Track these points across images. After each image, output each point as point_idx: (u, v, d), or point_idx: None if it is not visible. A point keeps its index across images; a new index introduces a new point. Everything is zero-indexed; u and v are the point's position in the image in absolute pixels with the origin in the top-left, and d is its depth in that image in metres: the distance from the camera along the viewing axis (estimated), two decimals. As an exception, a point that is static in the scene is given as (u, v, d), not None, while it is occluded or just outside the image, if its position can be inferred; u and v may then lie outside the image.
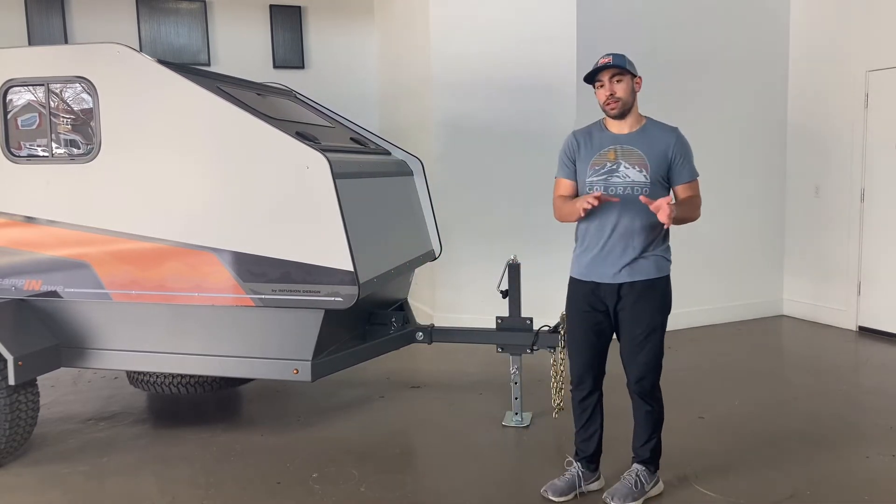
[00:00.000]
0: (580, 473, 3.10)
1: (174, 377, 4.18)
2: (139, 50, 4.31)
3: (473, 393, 4.52)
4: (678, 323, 6.04)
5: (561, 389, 3.88)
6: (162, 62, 3.41)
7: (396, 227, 4.08)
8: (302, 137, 3.41)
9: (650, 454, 3.05)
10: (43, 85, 3.47)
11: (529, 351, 3.88)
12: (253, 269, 3.32)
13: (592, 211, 2.82)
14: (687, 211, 2.87)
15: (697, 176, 2.95)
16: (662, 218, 2.65)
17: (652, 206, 2.68)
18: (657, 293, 2.92)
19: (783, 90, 6.38)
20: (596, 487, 3.15)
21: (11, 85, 3.49)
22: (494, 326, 3.97)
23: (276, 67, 7.25)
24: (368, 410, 4.26)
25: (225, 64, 6.96)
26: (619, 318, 2.96)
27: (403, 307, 4.47)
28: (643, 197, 2.76)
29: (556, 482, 3.12)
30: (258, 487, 3.26)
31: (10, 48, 3.56)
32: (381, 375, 4.90)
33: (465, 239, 5.83)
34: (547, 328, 3.83)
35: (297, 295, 3.29)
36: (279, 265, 3.29)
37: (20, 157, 3.52)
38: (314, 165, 3.22)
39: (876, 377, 4.70)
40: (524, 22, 5.60)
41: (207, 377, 4.20)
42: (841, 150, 5.94)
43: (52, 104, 3.47)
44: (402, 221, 4.20)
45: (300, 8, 7.31)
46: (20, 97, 3.51)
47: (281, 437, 3.86)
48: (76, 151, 3.48)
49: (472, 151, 5.81)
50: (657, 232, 2.90)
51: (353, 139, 4.35)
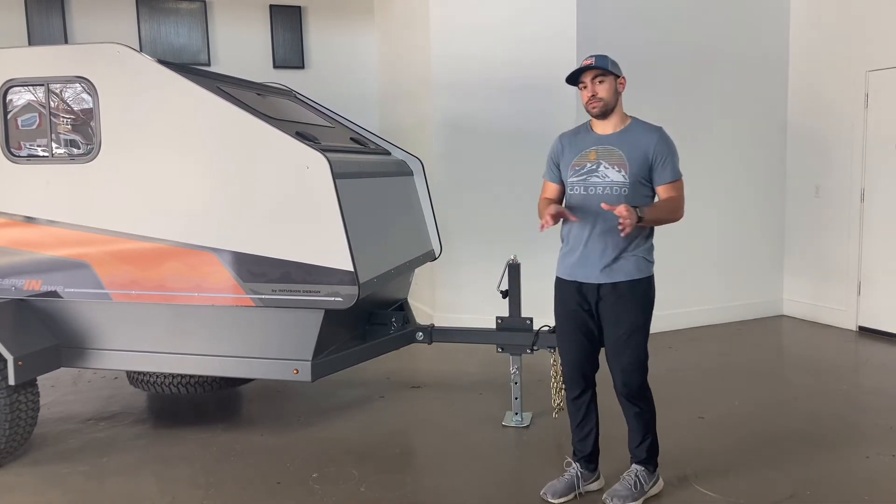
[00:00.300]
0: (579, 474, 3.10)
1: (174, 377, 4.18)
2: (139, 50, 4.31)
3: (473, 393, 4.52)
4: (678, 323, 6.05)
5: (561, 389, 3.88)
6: (162, 62, 3.41)
7: (396, 227, 4.08)
8: (302, 137, 3.41)
9: (647, 454, 3.04)
10: (43, 85, 3.47)
11: (529, 351, 3.88)
12: (253, 269, 3.32)
13: (574, 212, 2.89)
14: (661, 213, 2.84)
15: (680, 177, 2.89)
16: (624, 223, 2.63)
17: (615, 211, 2.67)
18: (638, 293, 2.89)
19: (783, 90, 6.38)
20: (595, 488, 3.14)
21: (11, 85, 3.50)
22: (494, 326, 3.98)
23: (276, 67, 7.25)
24: (368, 410, 4.26)
25: (225, 64, 6.96)
26: (601, 318, 2.95)
27: (403, 307, 4.47)
28: (604, 204, 2.76)
29: (554, 483, 3.11)
30: (258, 487, 3.26)
31: (10, 48, 3.56)
32: (381, 375, 4.90)
33: (465, 239, 5.83)
34: (547, 328, 3.83)
35: (297, 295, 3.29)
36: (279, 265, 3.29)
37: (20, 157, 3.52)
38: (314, 165, 3.22)
39: (876, 377, 4.70)
40: (524, 22, 5.60)
41: (207, 377, 4.20)
42: (841, 150, 5.95)
43: (52, 104, 3.47)
44: (402, 221, 4.20)
45: (300, 8, 7.31)
46: (20, 97, 3.51)
47: (281, 437, 3.86)
48: (76, 151, 3.48)
49: (472, 151, 5.81)
50: (637, 232, 2.87)
51: (353, 139, 4.35)
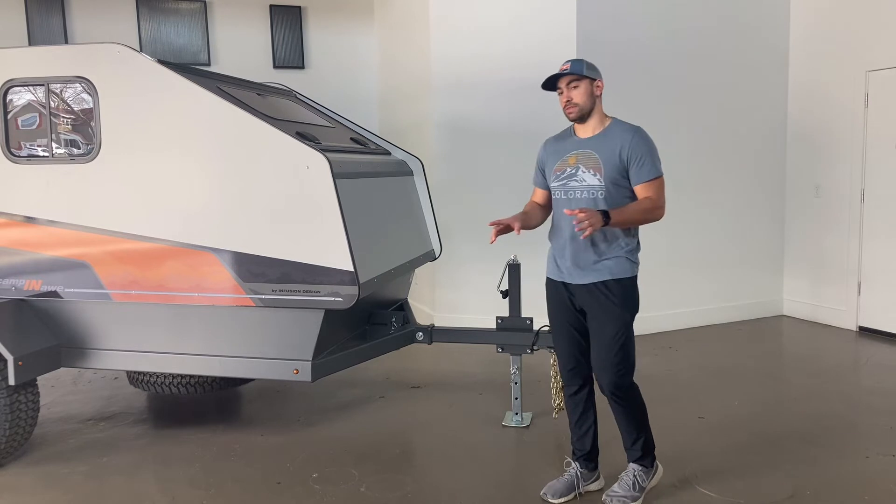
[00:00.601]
0: (578, 473, 3.10)
1: (174, 377, 4.18)
2: (139, 50, 4.31)
3: (473, 393, 4.52)
4: (678, 323, 6.05)
5: (561, 389, 3.87)
6: (162, 62, 3.41)
7: (396, 227, 4.08)
8: (302, 137, 3.41)
9: (642, 452, 3.03)
10: (43, 85, 3.47)
11: (529, 351, 3.88)
12: (253, 269, 3.32)
13: (557, 213, 3.00)
14: (632, 214, 2.81)
15: (657, 176, 2.85)
16: (581, 227, 2.64)
17: (574, 214, 2.69)
18: (620, 294, 2.88)
19: (783, 90, 6.38)
20: (595, 488, 3.14)
21: (11, 85, 3.50)
22: (494, 326, 3.98)
23: (276, 67, 7.25)
24: (368, 410, 4.26)
25: (225, 64, 6.96)
26: (586, 318, 2.97)
27: (403, 307, 4.47)
28: (567, 209, 2.80)
29: (554, 483, 3.11)
30: (258, 487, 3.26)
31: (10, 48, 3.56)
32: (381, 375, 4.90)
33: (465, 239, 5.83)
34: (547, 328, 3.82)
35: (297, 295, 3.29)
36: (279, 265, 3.29)
37: (20, 157, 3.52)
38: (314, 165, 3.22)
39: (876, 377, 4.70)
40: (524, 22, 5.60)
41: (207, 377, 4.21)
42: (841, 150, 5.95)
43: (52, 104, 3.47)
44: (402, 221, 4.20)
45: (300, 8, 7.31)
46: (20, 97, 3.51)
47: (281, 437, 3.86)
48: (76, 151, 3.48)
49: (471, 151, 5.82)
50: (617, 234, 2.88)
51: (353, 139, 4.34)
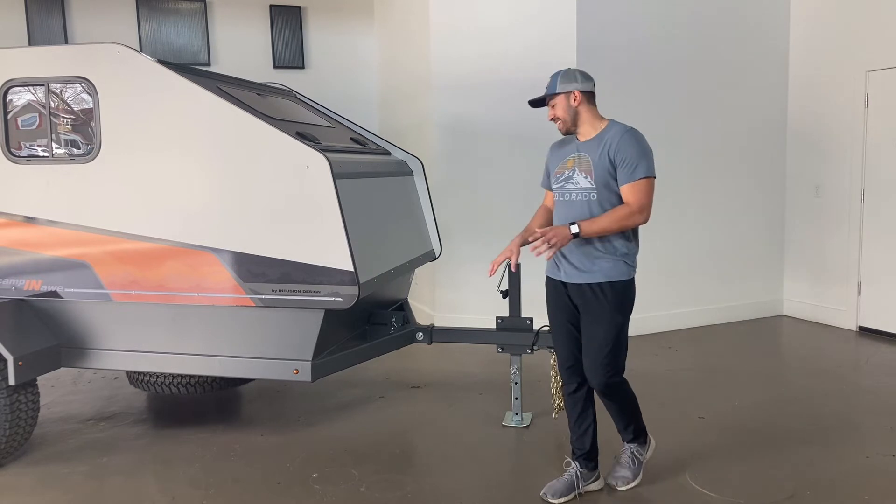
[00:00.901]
0: (578, 473, 3.10)
1: (174, 377, 4.18)
2: (139, 50, 4.31)
3: (473, 393, 4.52)
4: (678, 323, 6.05)
5: (561, 389, 3.87)
6: (162, 62, 3.41)
7: (396, 227, 4.08)
8: (302, 137, 3.41)
9: (634, 434, 3.17)
10: (43, 85, 3.47)
11: (529, 351, 3.88)
12: (253, 269, 3.32)
13: (556, 214, 3.06)
14: (605, 223, 2.82)
15: (641, 177, 2.82)
16: (539, 249, 2.77)
17: (530, 242, 2.83)
18: (613, 296, 2.91)
19: (783, 90, 6.38)
20: (595, 488, 3.14)
21: (11, 85, 3.50)
22: (494, 326, 3.98)
23: (276, 67, 7.25)
24: (368, 410, 4.26)
25: (225, 64, 6.96)
26: (580, 317, 3.01)
27: (403, 307, 4.47)
28: (529, 236, 2.89)
29: (554, 483, 3.11)
30: (258, 487, 3.27)
31: (10, 48, 3.56)
32: (381, 375, 4.90)
33: (465, 239, 5.83)
34: (547, 328, 3.82)
35: (297, 295, 3.29)
36: (279, 265, 3.29)
37: (20, 157, 3.52)
38: (314, 165, 3.22)
39: (876, 377, 4.70)
40: (524, 23, 5.60)
41: (207, 377, 4.21)
42: (841, 150, 5.95)
43: (52, 104, 3.47)
44: (402, 221, 4.20)
45: (300, 8, 7.31)
46: (20, 97, 3.51)
47: (281, 437, 3.86)
48: (76, 151, 3.48)
49: (471, 151, 5.81)
50: (612, 237, 2.90)
51: (353, 139, 4.34)
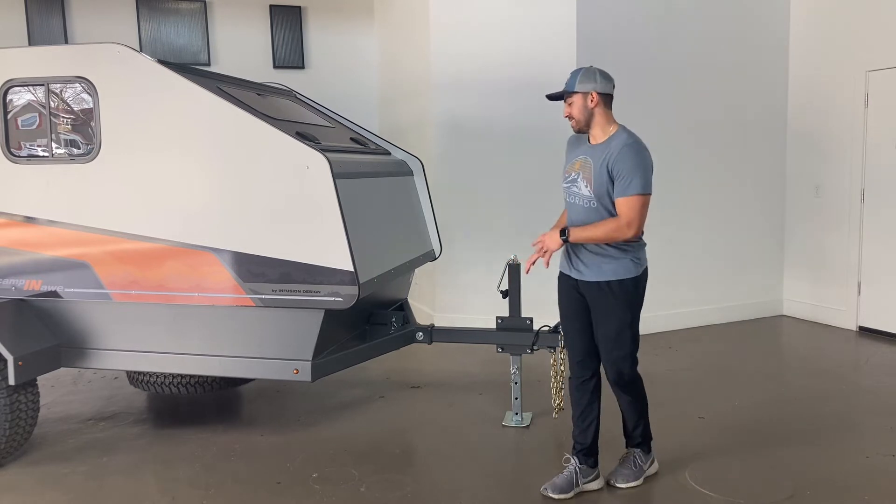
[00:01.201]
0: (577, 469, 3.13)
1: (174, 377, 4.18)
2: (139, 50, 4.31)
3: (473, 393, 4.52)
4: (678, 323, 6.05)
5: (561, 389, 3.88)
6: (162, 62, 3.41)
7: (396, 227, 4.08)
8: (302, 137, 3.41)
9: (641, 438, 3.24)
10: (43, 85, 3.47)
11: (529, 351, 3.88)
12: (253, 269, 3.32)
13: (569, 211, 3.12)
14: (591, 233, 2.91)
15: (633, 194, 2.84)
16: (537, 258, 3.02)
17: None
18: (620, 293, 2.98)
19: (783, 90, 6.38)
20: (595, 487, 3.15)
21: (11, 85, 3.49)
22: (494, 326, 3.98)
23: (276, 67, 7.25)
24: (368, 410, 4.26)
25: (225, 64, 6.96)
26: (592, 312, 3.09)
27: (403, 307, 4.47)
28: (532, 243, 3.07)
29: (555, 480, 3.14)
30: (258, 487, 3.26)
31: (10, 48, 3.56)
32: (381, 375, 4.90)
33: (465, 239, 5.83)
34: (547, 328, 3.83)
35: (297, 295, 3.29)
36: (279, 265, 3.29)
37: (20, 157, 3.52)
38: (314, 165, 3.22)
39: (876, 377, 4.70)
40: (524, 22, 5.60)
41: (207, 377, 4.21)
42: (841, 150, 5.95)
43: (52, 104, 3.47)
44: (402, 221, 4.20)
45: (300, 8, 7.31)
46: (20, 97, 3.50)
47: (281, 437, 3.86)
48: (76, 151, 3.48)
49: (471, 151, 5.81)
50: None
51: (353, 139, 4.34)
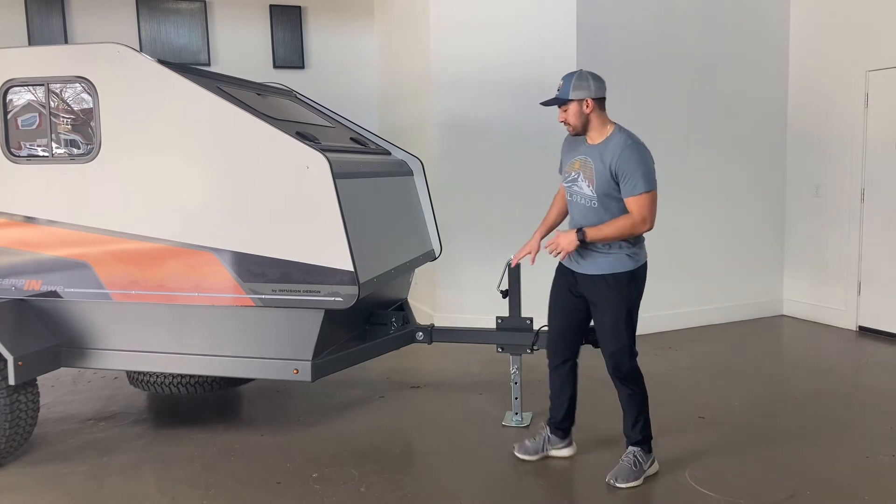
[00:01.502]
0: (548, 437, 3.47)
1: (174, 377, 4.18)
2: (139, 50, 4.31)
3: (473, 393, 4.52)
4: (678, 323, 6.05)
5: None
6: (162, 62, 3.41)
7: (396, 227, 4.08)
8: (302, 137, 3.41)
9: (641, 436, 3.26)
10: (43, 85, 3.46)
11: (529, 351, 3.88)
12: (253, 269, 3.32)
13: (570, 208, 3.27)
14: (607, 232, 3.03)
15: (643, 191, 2.97)
16: (553, 253, 3.14)
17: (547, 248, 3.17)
18: (617, 287, 3.11)
19: (783, 90, 6.38)
20: (566, 454, 3.48)
21: (11, 85, 3.49)
22: (494, 326, 3.98)
23: (276, 67, 7.25)
24: (368, 410, 4.26)
25: (225, 64, 6.96)
26: (589, 305, 3.23)
27: (403, 307, 4.47)
28: (546, 244, 3.19)
29: (525, 442, 3.49)
30: (258, 487, 3.27)
31: (10, 48, 3.55)
32: (381, 375, 4.90)
33: (465, 239, 5.83)
34: (546, 328, 3.83)
35: (297, 295, 3.29)
36: (279, 265, 3.29)
37: (20, 157, 3.52)
38: (314, 165, 3.22)
39: (876, 377, 4.70)
40: (524, 21, 5.60)
41: (207, 377, 4.21)
42: (841, 150, 5.95)
43: (52, 104, 3.47)
44: (402, 221, 4.20)
45: (300, 8, 7.31)
46: (20, 97, 3.50)
47: (281, 437, 3.86)
48: (76, 151, 3.48)
49: (471, 151, 5.81)
50: None
51: (353, 139, 4.34)
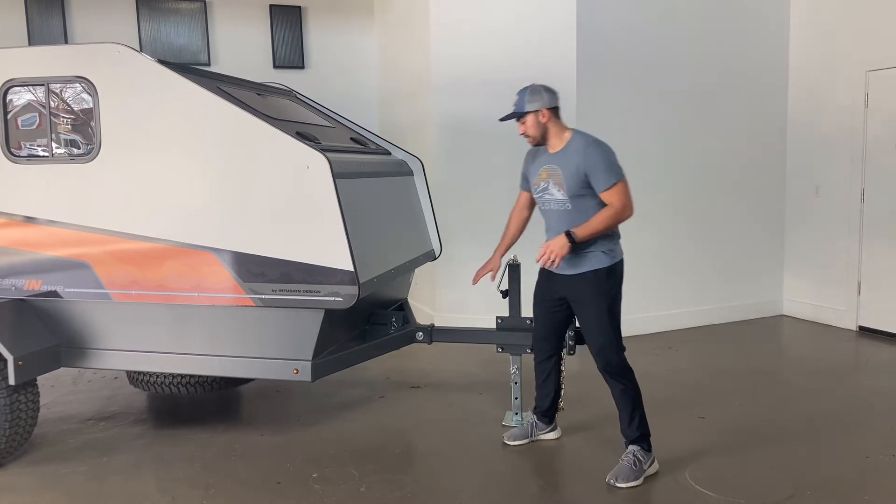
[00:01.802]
0: (535, 423, 3.69)
1: (174, 377, 4.18)
2: (139, 50, 4.31)
3: (473, 393, 4.52)
4: (678, 323, 6.05)
5: (560, 389, 3.87)
6: (162, 62, 3.41)
7: (396, 227, 4.08)
8: (302, 137, 3.41)
9: (639, 433, 3.28)
10: (43, 85, 3.46)
11: (529, 351, 3.87)
12: (253, 269, 3.31)
13: (545, 216, 3.35)
14: (596, 225, 3.10)
15: (615, 181, 3.09)
16: (545, 263, 3.13)
17: (538, 260, 3.18)
18: (595, 283, 3.20)
19: (783, 90, 6.38)
20: (552, 437, 3.70)
21: (11, 85, 3.49)
22: (494, 326, 3.98)
23: (276, 67, 7.25)
24: (368, 410, 4.26)
25: (225, 64, 6.96)
26: (571, 304, 3.32)
27: (403, 307, 4.47)
28: (536, 257, 3.18)
29: (514, 430, 3.70)
30: (258, 487, 3.27)
31: (10, 48, 3.55)
32: (381, 375, 4.90)
33: (465, 239, 5.82)
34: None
35: (297, 295, 3.29)
36: (279, 265, 3.29)
37: (20, 157, 3.52)
38: (314, 165, 3.22)
39: (876, 377, 4.70)
40: (524, 21, 5.60)
41: (207, 377, 4.21)
42: (841, 150, 5.95)
43: (52, 104, 3.47)
44: (402, 221, 4.20)
45: (300, 8, 7.31)
46: (20, 97, 3.50)
47: (281, 437, 3.86)
48: (76, 151, 3.48)
49: (471, 151, 5.81)
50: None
51: (353, 139, 4.34)
